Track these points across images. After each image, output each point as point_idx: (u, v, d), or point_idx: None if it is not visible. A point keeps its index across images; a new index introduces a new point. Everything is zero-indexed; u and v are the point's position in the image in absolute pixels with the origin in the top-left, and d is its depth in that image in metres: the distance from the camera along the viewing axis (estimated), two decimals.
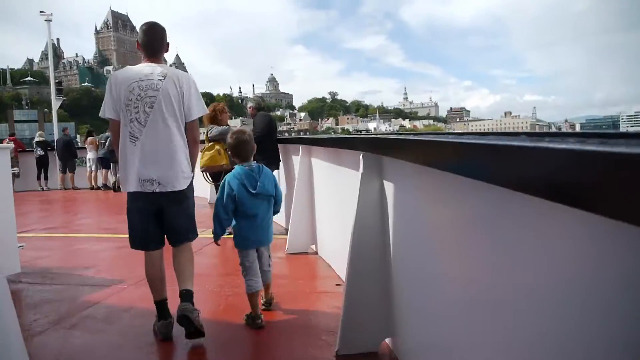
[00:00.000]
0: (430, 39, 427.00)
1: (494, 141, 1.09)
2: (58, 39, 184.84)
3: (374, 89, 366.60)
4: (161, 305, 2.74)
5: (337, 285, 3.57)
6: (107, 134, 12.36)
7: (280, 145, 5.90)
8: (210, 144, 5.74)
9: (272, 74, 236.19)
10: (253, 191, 2.77)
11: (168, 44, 2.81)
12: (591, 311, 0.90)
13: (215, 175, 5.78)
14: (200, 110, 2.78)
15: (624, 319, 0.82)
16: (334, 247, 4.10)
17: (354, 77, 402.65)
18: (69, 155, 13.38)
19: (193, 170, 2.81)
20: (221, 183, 2.84)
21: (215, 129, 5.68)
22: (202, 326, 2.60)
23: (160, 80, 2.60)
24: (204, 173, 5.73)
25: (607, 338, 0.87)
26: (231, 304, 3.32)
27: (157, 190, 2.59)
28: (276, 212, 3.01)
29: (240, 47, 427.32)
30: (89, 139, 13.24)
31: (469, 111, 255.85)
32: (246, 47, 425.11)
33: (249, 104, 6.07)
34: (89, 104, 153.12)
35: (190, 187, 2.78)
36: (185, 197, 2.73)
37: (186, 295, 2.65)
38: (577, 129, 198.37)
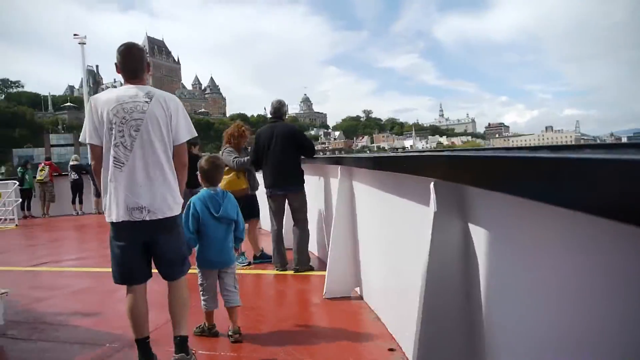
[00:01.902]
0: (463, 56, 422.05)
1: None
2: (97, 66, 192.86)
3: (408, 107, 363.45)
4: (143, 344, 2.58)
5: (390, 350, 2.75)
6: None
7: (312, 166, 5.16)
8: (226, 168, 5.14)
9: (305, 94, 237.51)
10: (216, 214, 2.98)
11: (149, 64, 2.71)
12: None
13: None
14: (188, 132, 2.66)
15: None
16: (384, 292, 3.31)
17: (388, 96, 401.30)
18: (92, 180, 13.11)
19: (181, 194, 2.67)
20: (187, 204, 2.92)
21: (230, 155, 5.19)
22: None
23: (147, 102, 2.49)
24: None
25: None
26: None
27: (147, 218, 2.44)
28: (239, 239, 3.22)
29: (274, 69, 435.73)
30: None
31: (508, 126, 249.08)
32: (280, 69, 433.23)
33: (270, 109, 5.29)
34: None
35: (180, 215, 2.68)
36: (176, 224, 2.61)
37: (181, 344, 2.61)
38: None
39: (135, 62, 2.60)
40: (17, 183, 12.05)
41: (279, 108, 5.15)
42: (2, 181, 13.60)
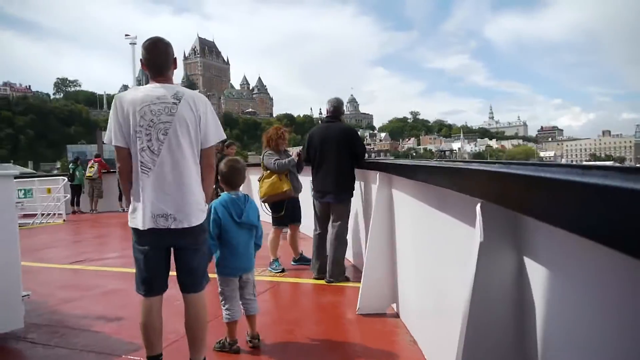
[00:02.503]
0: (516, 56, 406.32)
1: None
2: None
3: (457, 109, 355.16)
4: None
5: None
6: None
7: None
8: (268, 171, 5.04)
9: (352, 95, 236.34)
10: (238, 220, 2.85)
11: (175, 59, 2.53)
12: None
13: (277, 205, 5.06)
14: (217, 135, 2.52)
15: None
16: (423, 313, 2.98)
17: (436, 97, 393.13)
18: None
19: (208, 202, 2.56)
20: (208, 208, 2.73)
21: (270, 158, 5.00)
22: None
23: (175, 103, 2.34)
24: (264, 204, 5.06)
25: None
26: None
27: (172, 226, 2.31)
28: (257, 245, 3.08)
29: (321, 69, 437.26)
30: None
31: (562, 130, 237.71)
32: (327, 69, 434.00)
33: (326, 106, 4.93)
34: None
35: (206, 222, 2.55)
36: (202, 231, 2.49)
37: None
38: None
39: (161, 57, 2.43)
40: (67, 179, 12.42)
41: (337, 107, 4.78)
42: (52, 177, 14.13)
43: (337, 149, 4.45)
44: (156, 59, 2.43)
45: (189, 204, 2.35)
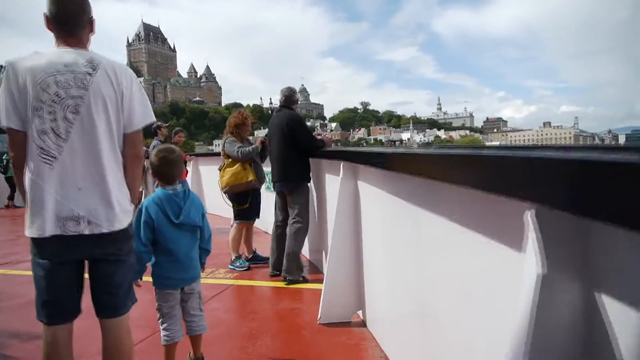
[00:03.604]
0: (463, 50, 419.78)
1: None
2: None
3: (406, 100, 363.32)
4: None
5: None
6: (154, 142, 11.45)
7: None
8: (230, 160, 4.64)
9: (302, 85, 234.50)
10: (175, 220, 2.34)
11: (92, 20, 1.96)
12: None
13: (241, 196, 4.66)
14: (145, 117, 2.01)
15: None
16: (396, 323, 2.60)
17: (386, 89, 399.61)
18: None
19: (134, 200, 2.04)
20: (138, 208, 2.31)
21: (233, 145, 4.65)
22: None
23: (90, 73, 1.83)
24: (225, 194, 4.70)
25: None
26: None
27: (86, 232, 1.81)
28: (205, 251, 2.55)
29: (272, 59, 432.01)
30: None
31: (506, 121, 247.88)
32: (278, 59, 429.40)
33: (279, 96, 4.64)
34: None
35: (131, 225, 2.01)
36: (126, 238, 1.97)
37: None
38: (621, 140, 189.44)
39: (73, 10, 1.88)
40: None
41: (289, 96, 4.55)
42: None
43: (281, 136, 4.31)
44: (66, 11, 1.87)
45: (107, 203, 1.85)
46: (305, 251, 5.01)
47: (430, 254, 2.02)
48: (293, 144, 4.24)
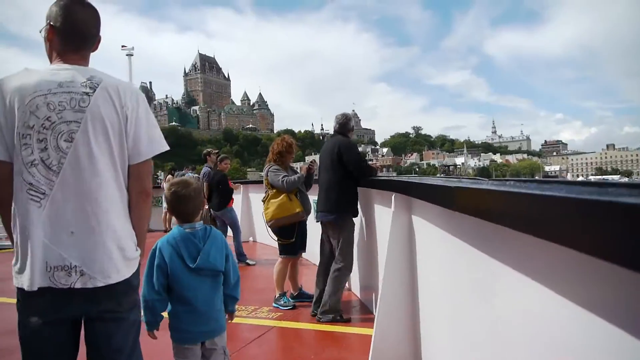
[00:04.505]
0: (517, 72, 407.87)
1: None
2: (150, 82, 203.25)
3: (459, 124, 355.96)
4: None
5: None
6: (184, 171, 11.57)
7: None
8: (274, 190, 4.34)
9: (354, 110, 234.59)
10: (192, 265, 2.03)
11: (100, 38, 1.70)
12: None
13: (286, 229, 4.30)
14: (154, 145, 1.70)
15: None
16: None
17: (438, 113, 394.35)
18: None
19: (141, 245, 1.71)
20: (152, 249, 2.07)
21: (277, 175, 4.32)
22: None
23: (87, 93, 1.54)
24: (270, 228, 4.35)
25: None
26: None
27: (78, 284, 1.49)
28: (232, 298, 2.22)
29: (323, 86, 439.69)
30: (168, 177, 12.38)
31: (566, 144, 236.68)
32: (329, 86, 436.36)
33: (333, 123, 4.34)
34: (175, 142, 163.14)
35: (137, 275, 1.68)
36: (129, 291, 1.63)
37: None
38: None
39: (85, 26, 1.63)
40: None
41: (344, 123, 4.22)
42: None
43: (330, 162, 4.02)
44: (78, 24, 1.61)
45: (105, 250, 1.54)
46: (356, 289, 4.64)
47: (504, 308, 1.62)
48: (340, 171, 3.92)
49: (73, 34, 1.61)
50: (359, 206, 4.07)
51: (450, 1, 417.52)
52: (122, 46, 14.64)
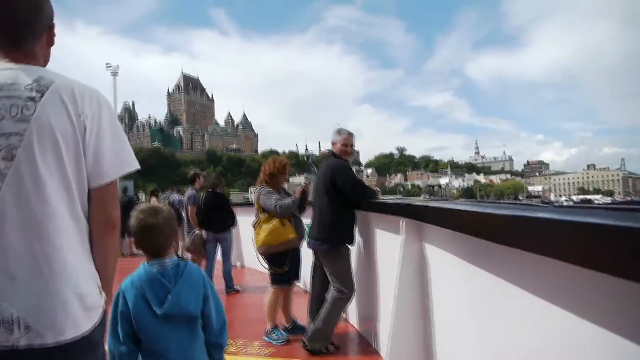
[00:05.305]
0: (498, 94, 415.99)
1: None
2: (133, 102, 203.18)
3: (442, 145, 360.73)
4: None
5: None
6: (167, 193, 11.25)
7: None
8: (265, 214, 3.98)
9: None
10: (159, 311, 1.64)
11: (52, 26, 1.37)
12: None
13: (278, 257, 3.93)
14: (121, 163, 1.34)
15: None
16: None
17: (421, 134, 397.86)
18: (127, 217, 12.06)
19: (107, 288, 1.37)
20: (116, 292, 1.69)
21: (269, 198, 3.99)
22: None
23: (32, 98, 1.20)
24: (261, 256, 3.98)
25: None
26: None
27: (22, 343, 1.13)
28: (215, 345, 1.82)
29: (307, 107, 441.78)
30: (153, 199, 11.97)
31: (548, 164, 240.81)
32: (314, 107, 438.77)
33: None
34: (157, 163, 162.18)
35: (101, 327, 1.30)
36: (88, 349, 1.25)
37: None
38: None
39: (20, 12, 1.28)
40: None
41: (333, 142, 3.91)
42: None
43: (322, 187, 3.71)
44: (9, 11, 1.26)
45: (58, 298, 1.19)
46: (354, 320, 4.33)
47: (538, 341, 1.38)
48: (334, 196, 3.59)
49: (7, 25, 1.28)
50: (356, 231, 3.77)
51: (433, 25, 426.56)
52: (107, 64, 14.37)
